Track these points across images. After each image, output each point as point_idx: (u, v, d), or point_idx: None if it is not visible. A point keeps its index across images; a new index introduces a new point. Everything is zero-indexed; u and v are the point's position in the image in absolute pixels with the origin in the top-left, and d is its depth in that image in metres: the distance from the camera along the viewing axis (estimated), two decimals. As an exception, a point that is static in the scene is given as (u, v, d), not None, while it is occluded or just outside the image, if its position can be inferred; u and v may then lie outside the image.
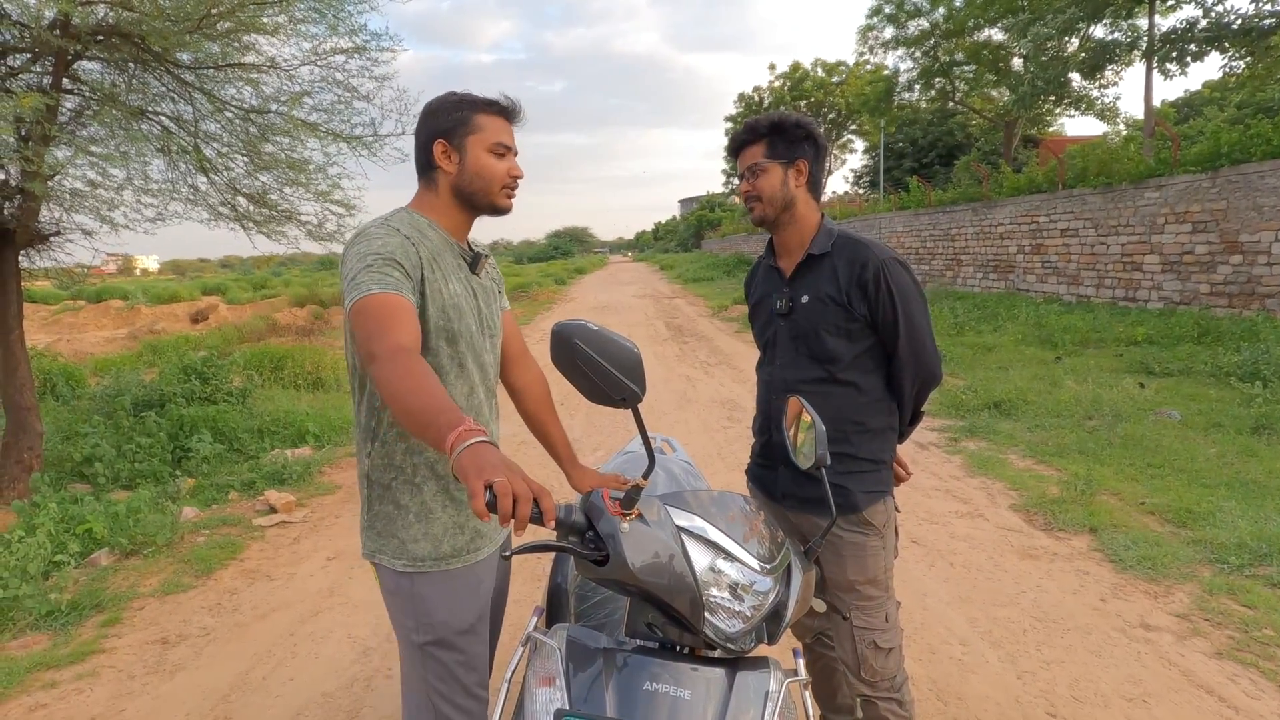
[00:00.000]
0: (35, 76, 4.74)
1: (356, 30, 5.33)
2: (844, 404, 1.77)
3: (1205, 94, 23.86)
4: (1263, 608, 3.00)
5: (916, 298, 1.74)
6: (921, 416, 1.93)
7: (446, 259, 1.52)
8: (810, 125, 1.77)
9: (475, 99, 1.52)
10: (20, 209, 4.77)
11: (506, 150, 1.54)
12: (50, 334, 17.33)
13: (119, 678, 2.90)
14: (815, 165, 1.78)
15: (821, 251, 1.78)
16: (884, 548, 1.81)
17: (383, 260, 1.36)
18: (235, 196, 5.79)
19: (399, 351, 1.25)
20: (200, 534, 4.31)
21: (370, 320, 1.30)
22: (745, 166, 1.80)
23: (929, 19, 21.22)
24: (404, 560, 1.51)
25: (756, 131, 1.78)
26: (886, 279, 1.69)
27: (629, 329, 13.82)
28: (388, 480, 1.52)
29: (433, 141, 1.51)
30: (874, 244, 1.75)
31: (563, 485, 4.84)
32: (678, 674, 1.19)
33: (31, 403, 5.10)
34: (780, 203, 1.78)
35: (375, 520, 1.54)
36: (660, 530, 1.21)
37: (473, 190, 1.53)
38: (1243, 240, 8.54)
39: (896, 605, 1.88)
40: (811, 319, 1.78)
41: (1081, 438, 5.41)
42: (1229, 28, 12.26)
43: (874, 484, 1.80)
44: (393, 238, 1.41)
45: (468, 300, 1.55)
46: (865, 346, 1.77)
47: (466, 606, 1.54)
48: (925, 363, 1.78)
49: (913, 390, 1.83)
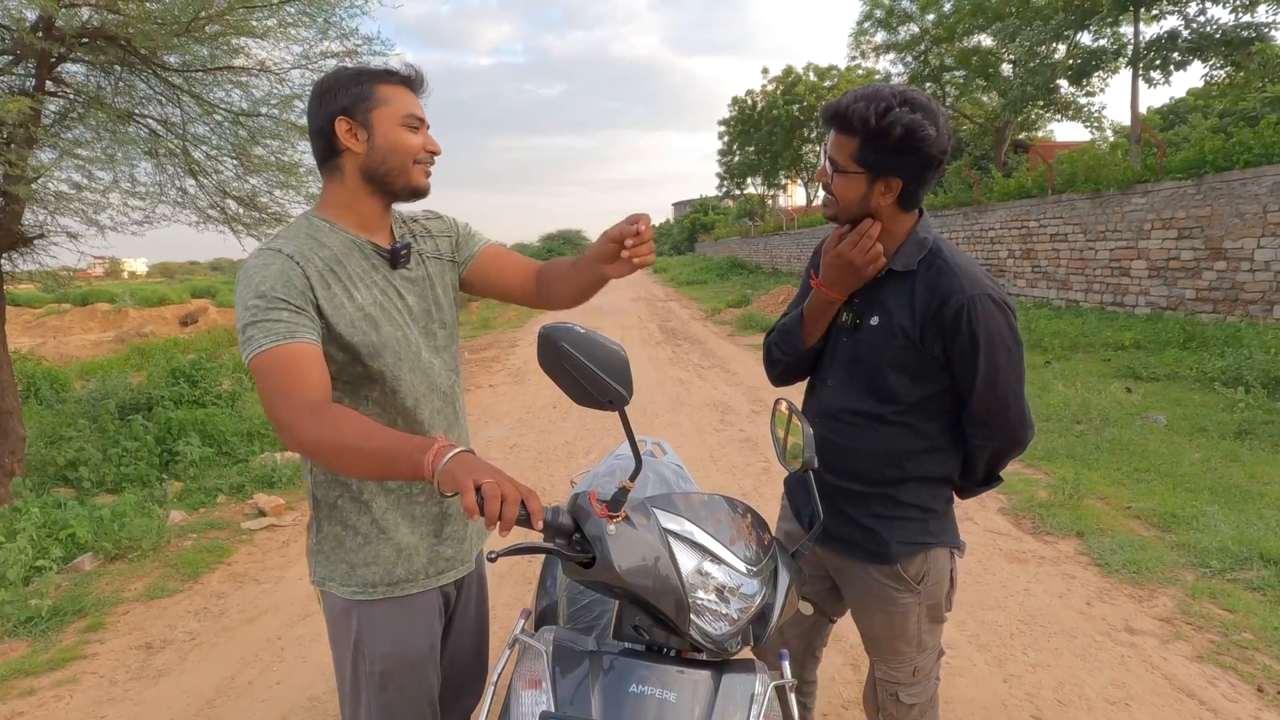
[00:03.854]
0: (17, 79, 4.71)
1: (348, 34, 5.33)
2: (895, 445, 1.52)
3: (1189, 101, 24.14)
4: (1242, 611, 3.04)
5: (1007, 345, 1.42)
6: (999, 481, 1.61)
7: (353, 264, 1.35)
8: (921, 139, 1.36)
9: (373, 70, 1.36)
10: (3, 211, 4.73)
11: (420, 123, 1.38)
12: (34, 337, 17.18)
13: (100, 684, 2.87)
14: (915, 183, 1.44)
15: (905, 269, 1.47)
16: (919, 603, 1.57)
17: (265, 305, 1.22)
18: (225, 199, 5.77)
19: (316, 409, 1.18)
20: (187, 538, 4.27)
21: (268, 384, 1.20)
22: (830, 154, 1.47)
23: (919, 24, 21.38)
24: (353, 586, 1.39)
25: (850, 124, 1.40)
26: (971, 318, 1.39)
27: (622, 332, 13.82)
28: (333, 498, 1.40)
29: (333, 122, 1.32)
30: (968, 272, 1.43)
31: (551, 490, 4.84)
32: (664, 676, 1.19)
33: (14, 407, 5.05)
34: (856, 214, 1.48)
35: (323, 543, 1.42)
36: (647, 533, 1.21)
37: (387, 170, 1.35)
38: (1226, 246, 8.64)
39: (939, 656, 1.68)
40: (875, 347, 1.50)
41: (1070, 442, 5.45)
42: (1211, 38, 12.45)
43: (916, 534, 1.54)
44: (271, 265, 1.25)
45: (387, 305, 1.38)
46: (934, 390, 1.49)
47: (419, 635, 1.44)
48: (1005, 425, 1.47)
49: (985, 453, 1.53)
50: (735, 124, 37.65)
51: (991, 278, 1.46)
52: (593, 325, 1.21)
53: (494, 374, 9.84)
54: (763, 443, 5.86)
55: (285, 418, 1.18)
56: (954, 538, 1.61)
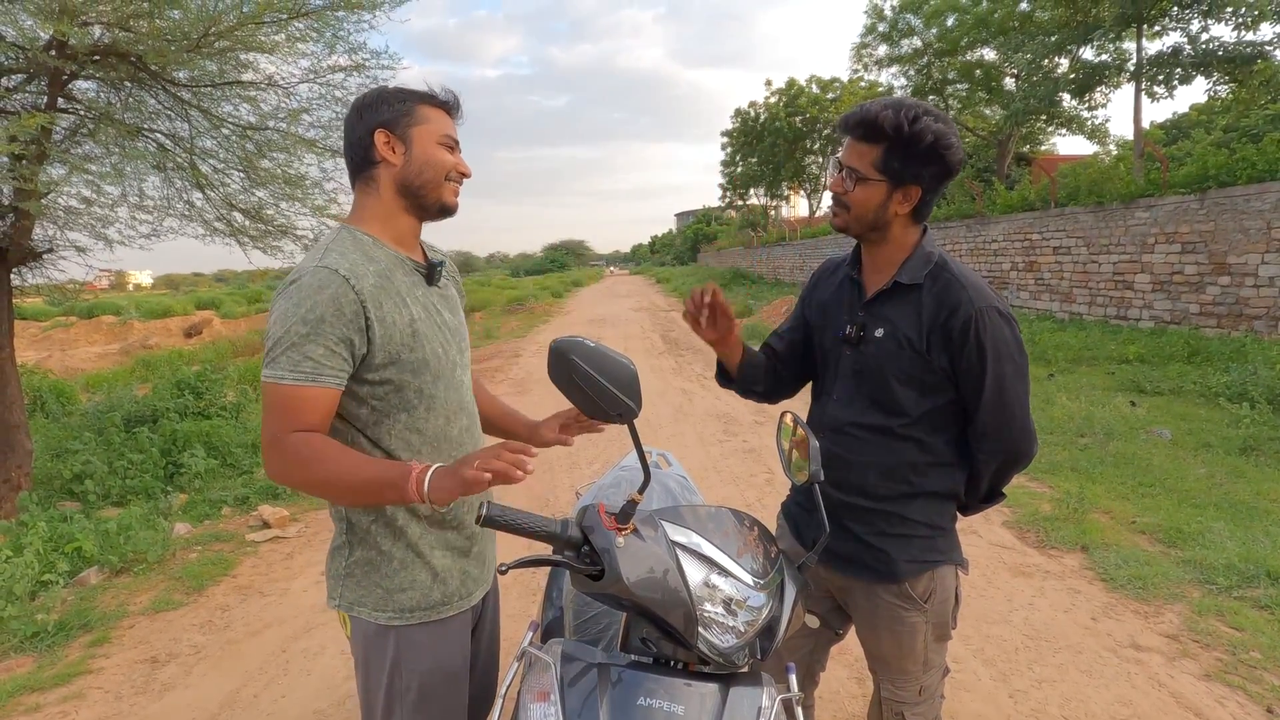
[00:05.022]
0: (30, 96, 4.77)
1: (356, 49, 5.38)
2: (901, 460, 1.51)
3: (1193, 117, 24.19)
4: (1250, 630, 3.02)
5: (1013, 358, 1.44)
6: (1002, 497, 1.60)
7: (398, 279, 1.39)
8: (946, 147, 1.38)
9: (416, 90, 1.43)
10: (13, 227, 4.78)
11: (455, 144, 1.46)
12: (41, 350, 17.25)
13: (106, 699, 2.87)
14: (932, 193, 1.46)
15: (912, 282, 1.48)
16: (927, 622, 1.56)
17: (305, 333, 1.25)
18: (231, 212, 5.81)
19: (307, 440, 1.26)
20: (192, 550, 4.28)
21: (272, 414, 1.28)
22: (846, 162, 1.46)
23: (922, 38, 21.53)
24: (389, 612, 1.40)
25: (878, 131, 1.40)
26: (979, 331, 1.40)
27: (625, 342, 13.84)
28: (367, 524, 1.40)
29: (372, 133, 1.38)
30: (974, 284, 1.44)
31: (555, 501, 4.83)
32: (672, 689, 1.19)
33: (20, 420, 5.07)
34: (870, 223, 1.49)
35: (354, 568, 1.42)
36: (655, 545, 1.22)
37: (421, 183, 1.40)
38: (1230, 261, 8.64)
39: (944, 673, 1.67)
40: (881, 359, 1.50)
41: (1074, 455, 5.44)
42: (1214, 54, 12.52)
43: (923, 551, 1.53)
44: (325, 289, 1.27)
45: (428, 320, 1.42)
46: (940, 403, 1.49)
47: (456, 654, 1.49)
48: (1011, 439, 1.48)
49: (990, 468, 1.52)
50: (738, 135, 37.83)
51: (995, 291, 1.47)
52: (595, 335, 1.23)
53: (498, 384, 9.86)
54: (766, 454, 5.86)
55: (275, 438, 1.28)
56: (959, 554, 1.61)
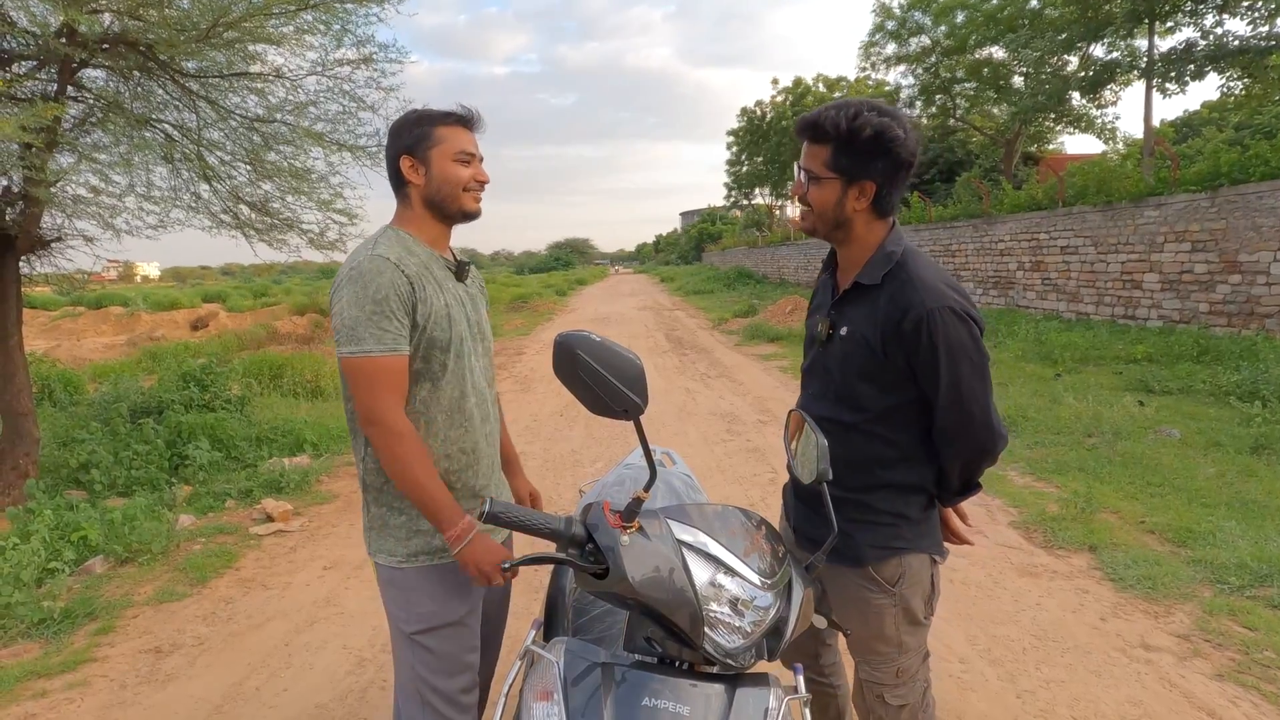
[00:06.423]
0: (40, 84, 4.76)
1: (364, 42, 5.37)
2: (867, 454, 1.55)
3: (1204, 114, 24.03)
4: (1264, 629, 2.98)
5: (969, 358, 1.44)
6: (977, 488, 1.62)
7: (435, 270, 1.61)
8: (891, 139, 1.43)
9: (433, 113, 1.61)
10: (22, 215, 4.78)
11: (471, 157, 1.62)
12: (49, 340, 17.35)
13: (111, 687, 2.87)
14: (888, 187, 1.49)
15: (870, 282, 1.50)
16: (895, 605, 1.60)
17: (379, 311, 1.48)
18: (237, 204, 5.81)
19: (404, 435, 1.49)
20: (196, 542, 4.28)
21: (368, 384, 1.48)
22: (803, 165, 1.52)
23: (930, 36, 21.39)
24: (398, 557, 1.62)
25: (823, 131, 1.47)
26: (931, 331, 1.41)
27: (629, 340, 13.82)
28: (380, 484, 1.62)
29: (399, 159, 1.60)
30: (928, 285, 1.44)
31: (559, 499, 4.82)
32: (677, 690, 1.18)
33: (28, 408, 5.09)
34: (831, 221, 1.53)
35: (373, 521, 1.66)
36: (661, 544, 1.20)
37: (441, 197, 1.61)
38: (1241, 260, 8.56)
39: (923, 658, 1.70)
40: (844, 357, 1.55)
41: (1081, 455, 5.40)
42: (1227, 48, 12.38)
43: (887, 539, 1.57)
44: (384, 274, 1.49)
45: (458, 309, 1.63)
46: (903, 400, 1.51)
47: (456, 599, 1.64)
48: (973, 436, 1.48)
49: (956, 465, 1.55)
50: (744, 134, 37.73)
51: (958, 290, 1.47)
52: (599, 334, 1.20)
53: (501, 381, 9.86)
54: (770, 453, 5.83)
55: (380, 414, 1.49)
56: (933, 544, 1.63)
